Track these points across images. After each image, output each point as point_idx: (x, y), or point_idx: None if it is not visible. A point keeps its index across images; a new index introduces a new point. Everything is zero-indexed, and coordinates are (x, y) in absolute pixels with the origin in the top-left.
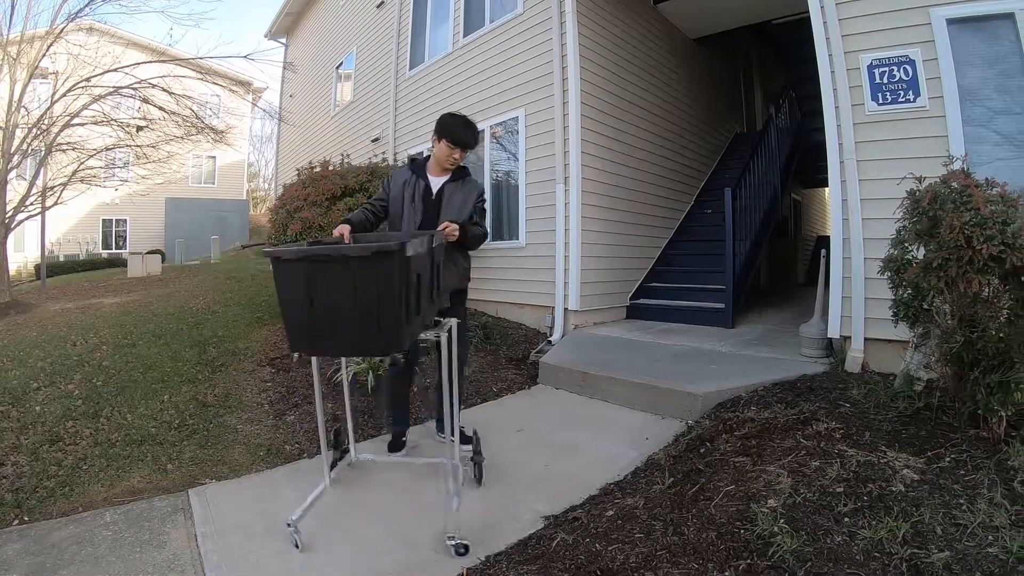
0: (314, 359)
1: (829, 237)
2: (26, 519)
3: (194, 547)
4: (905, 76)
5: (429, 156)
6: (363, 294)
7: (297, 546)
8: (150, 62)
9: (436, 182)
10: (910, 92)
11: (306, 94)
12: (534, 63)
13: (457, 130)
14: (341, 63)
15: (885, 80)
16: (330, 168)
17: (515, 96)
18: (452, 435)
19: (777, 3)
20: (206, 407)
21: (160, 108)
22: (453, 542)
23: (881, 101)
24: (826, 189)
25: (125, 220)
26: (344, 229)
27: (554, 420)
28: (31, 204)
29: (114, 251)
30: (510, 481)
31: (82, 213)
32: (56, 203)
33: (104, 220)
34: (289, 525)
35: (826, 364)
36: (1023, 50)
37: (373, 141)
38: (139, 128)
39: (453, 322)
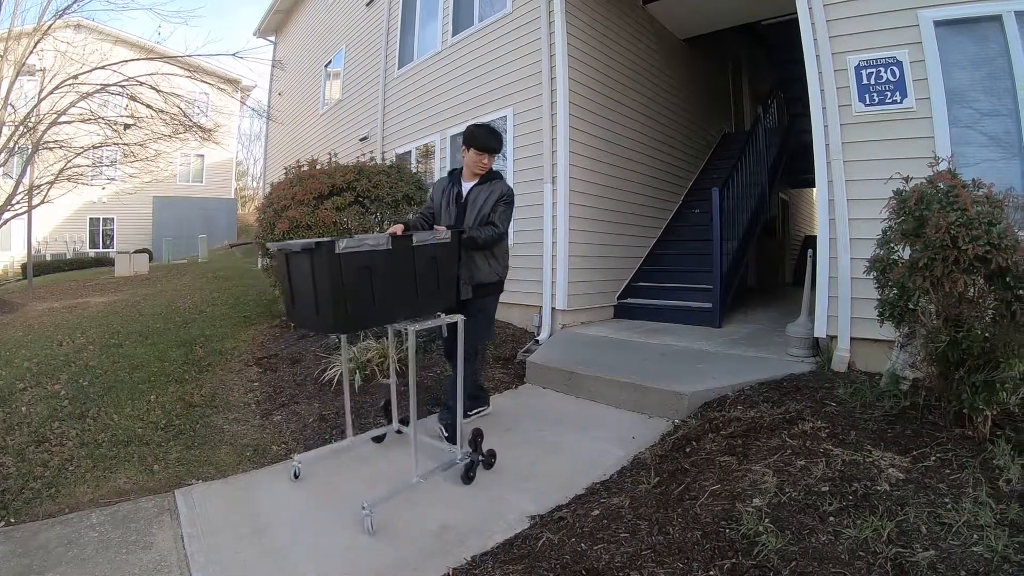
0: (343, 337)
1: (816, 237)
2: (12, 520)
3: (180, 548)
4: (892, 77)
5: (461, 168)
6: (305, 281)
7: (296, 475)
8: (138, 59)
9: (466, 187)
10: (897, 93)
11: (295, 92)
12: (522, 62)
13: (482, 138)
14: (330, 61)
15: (872, 81)
16: (318, 167)
17: (503, 95)
18: (447, 433)
19: (766, 4)
20: (192, 407)
21: (148, 106)
22: (366, 512)
23: (868, 102)
24: (814, 189)
25: (112, 219)
26: (397, 227)
27: (541, 419)
28: (17, 202)
29: (101, 250)
30: (497, 480)
31: (69, 212)
32: (43, 202)
33: (91, 219)
34: (295, 458)
35: (813, 363)
36: (1010, 52)
37: (361, 140)
38: (126, 126)
39: (459, 318)
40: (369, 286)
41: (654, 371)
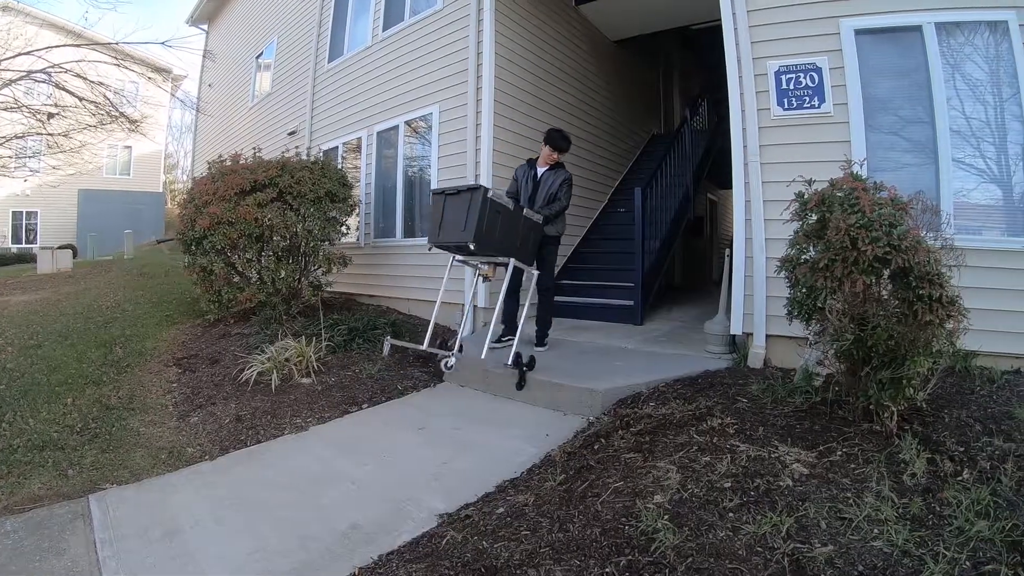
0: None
1: None
2: None
3: (92, 554)
4: (811, 83)
5: (538, 156)
6: (459, 210)
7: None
8: (65, 46)
9: (540, 171)
10: (815, 98)
11: (225, 84)
12: (450, 59)
13: (557, 141)
14: (261, 53)
15: (791, 86)
16: (241, 162)
17: (430, 92)
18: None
19: (696, 9)
20: (110, 410)
21: (73, 94)
22: (512, 361)
23: (787, 106)
24: None
25: (36, 213)
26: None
27: (457, 418)
28: None
29: (24, 245)
30: (409, 479)
31: None
32: None
33: (14, 212)
34: (451, 355)
35: (730, 360)
36: (928, 62)
37: (290, 134)
38: (50, 115)
39: (535, 273)
40: (496, 225)
41: (571, 369)
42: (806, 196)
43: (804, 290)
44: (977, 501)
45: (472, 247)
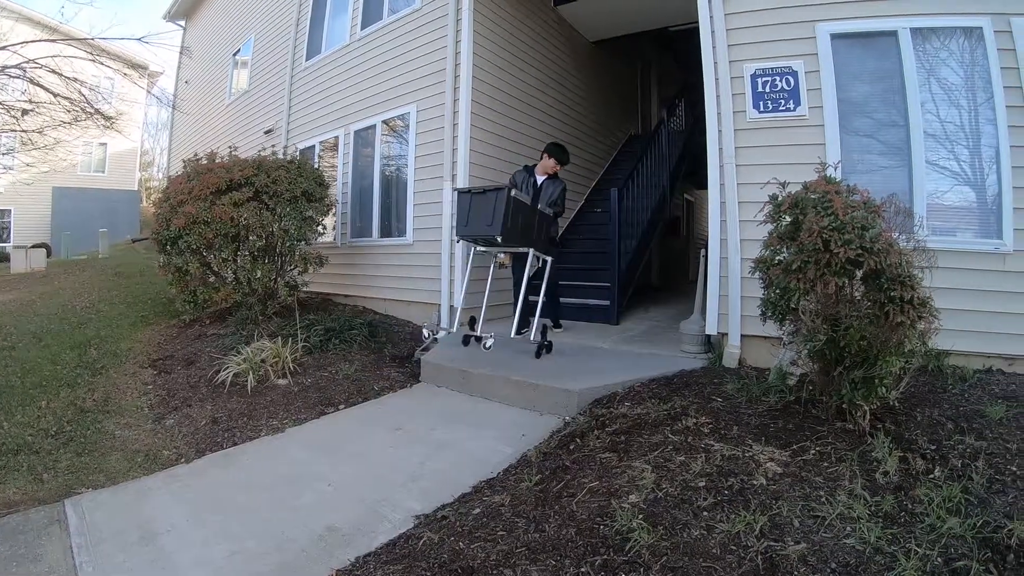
0: (468, 250)
1: None
2: None
3: (70, 559)
4: (787, 86)
5: (535, 164)
6: (486, 208)
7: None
8: (40, 40)
9: (540, 179)
10: (791, 101)
11: (202, 81)
12: (428, 59)
13: (559, 154)
14: (238, 50)
15: (767, 89)
16: (217, 160)
17: (408, 92)
18: (535, 329)
19: (674, 11)
20: (84, 412)
21: (48, 91)
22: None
23: (762, 109)
24: None
25: (9, 211)
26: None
27: (433, 418)
28: None
29: None
30: (386, 480)
31: None
32: None
33: None
34: (492, 334)
35: (705, 360)
36: (903, 67)
37: (266, 132)
38: (25, 111)
39: (549, 259)
40: (519, 220)
41: (547, 369)
42: (780, 199)
43: (778, 291)
44: (948, 498)
45: (499, 240)
